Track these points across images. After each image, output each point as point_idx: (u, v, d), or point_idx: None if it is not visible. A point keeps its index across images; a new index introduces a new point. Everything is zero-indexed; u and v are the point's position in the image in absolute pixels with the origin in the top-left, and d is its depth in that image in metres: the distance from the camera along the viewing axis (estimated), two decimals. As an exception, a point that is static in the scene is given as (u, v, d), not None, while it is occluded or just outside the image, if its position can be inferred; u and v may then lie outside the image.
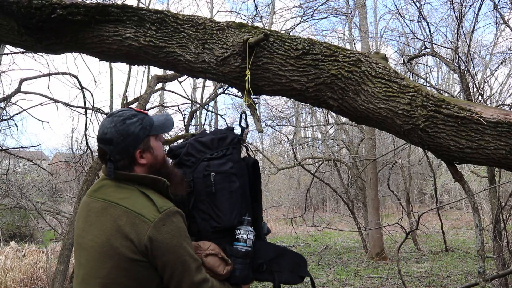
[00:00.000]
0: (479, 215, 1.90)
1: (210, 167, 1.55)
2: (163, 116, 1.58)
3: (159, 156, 1.52)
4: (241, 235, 1.53)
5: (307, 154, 18.10)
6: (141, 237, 1.34)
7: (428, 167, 12.29)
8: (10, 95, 5.65)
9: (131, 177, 1.45)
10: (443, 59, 5.56)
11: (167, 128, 1.56)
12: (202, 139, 1.62)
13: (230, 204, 1.53)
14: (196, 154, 1.59)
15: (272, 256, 1.62)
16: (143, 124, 1.47)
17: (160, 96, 15.50)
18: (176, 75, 5.61)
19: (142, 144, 1.47)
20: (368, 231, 9.15)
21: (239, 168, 1.60)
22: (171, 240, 1.36)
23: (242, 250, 1.51)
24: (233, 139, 1.64)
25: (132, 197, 1.42)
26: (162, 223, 1.36)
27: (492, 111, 1.65)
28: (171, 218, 1.38)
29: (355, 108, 1.72)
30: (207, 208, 1.54)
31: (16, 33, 1.84)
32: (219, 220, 1.52)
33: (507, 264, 5.03)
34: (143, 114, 1.51)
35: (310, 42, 1.76)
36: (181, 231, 1.39)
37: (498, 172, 5.18)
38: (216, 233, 1.54)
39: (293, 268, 1.64)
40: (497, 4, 5.36)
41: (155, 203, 1.39)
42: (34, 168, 11.92)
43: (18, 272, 6.62)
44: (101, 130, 1.46)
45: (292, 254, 1.67)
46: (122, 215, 1.38)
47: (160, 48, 1.80)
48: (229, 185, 1.54)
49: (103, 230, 1.38)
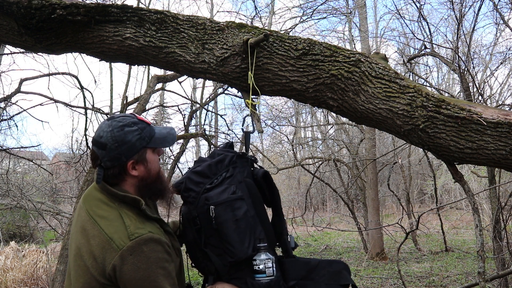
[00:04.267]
0: (479, 215, 1.90)
1: (208, 199, 1.43)
2: (166, 130, 1.49)
3: (153, 170, 1.44)
4: (259, 266, 1.41)
5: (307, 154, 18.10)
6: (106, 264, 1.26)
7: (428, 167, 12.29)
8: (10, 95, 5.65)
9: (113, 193, 1.37)
10: (443, 59, 5.55)
11: (167, 143, 1.47)
12: (198, 169, 1.50)
13: (238, 234, 1.40)
14: (195, 188, 1.47)
15: (304, 274, 1.50)
16: (142, 134, 1.40)
17: (160, 96, 15.50)
18: (176, 75, 5.61)
19: (137, 155, 1.40)
20: (368, 231, 9.15)
21: (244, 189, 1.48)
22: (135, 273, 1.25)
23: (264, 281, 1.40)
24: (231, 158, 1.52)
25: (109, 217, 1.33)
26: (129, 253, 1.25)
27: (492, 112, 1.65)
28: (141, 247, 1.27)
29: (355, 109, 1.72)
30: (218, 243, 1.43)
31: (16, 33, 1.84)
32: (232, 254, 1.41)
33: (507, 264, 5.02)
34: (145, 124, 1.43)
35: (310, 42, 1.76)
36: (150, 262, 1.27)
37: (498, 172, 5.18)
38: (233, 267, 1.43)
39: (330, 279, 1.51)
40: (497, 4, 5.36)
41: (127, 228, 1.29)
42: (34, 168, 11.92)
43: (18, 272, 6.62)
44: (97, 132, 1.40)
45: (326, 263, 1.54)
46: (96, 236, 1.31)
47: (160, 48, 1.79)
48: (233, 214, 1.41)
49: (80, 244, 1.34)
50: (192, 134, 7.00)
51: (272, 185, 1.58)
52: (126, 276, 1.25)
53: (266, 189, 1.56)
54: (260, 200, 1.52)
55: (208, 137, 7.10)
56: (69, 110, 8.99)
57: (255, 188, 1.52)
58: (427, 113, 1.63)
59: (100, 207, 1.36)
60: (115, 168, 1.38)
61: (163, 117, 20.21)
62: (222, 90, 7.29)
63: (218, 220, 1.41)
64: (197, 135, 7.22)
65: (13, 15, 1.78)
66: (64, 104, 6.31)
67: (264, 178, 1.55)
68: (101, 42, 1.81)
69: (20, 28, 1.80)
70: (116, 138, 1.36)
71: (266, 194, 1.56)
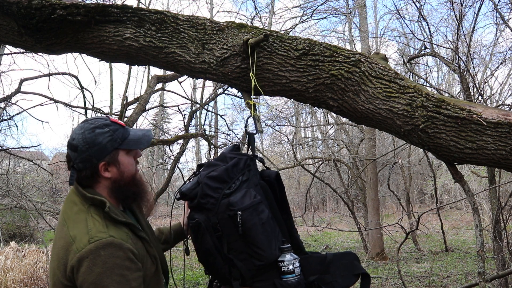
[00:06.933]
0: (479, 216, 1.90)
1: (233, 205, 1.40)
2: (142, 131, 1.48)
3: (126, 173, 1.43)
4: (288, 267, 1.42)
5: (307, 154, 18.09)
6: (67, 266, 1.26)
7: (428, 167, 12.29)
8: (10, 95, 5.65)
9: (83, 195, 1.37)
10: (443, 59, 5.56)
11: (141, 144, 1.45)
12: (213, 174, 1.47)
13: (266, 237, 1.41)
14: (213, 194, 1.44)
15: (320, 268, 1.52)
16: (114, 136, 1.40)
17: (160, 96, 15.50)
18: (176, 75, 5.61)
19: (108, 157, 1.39)
20: (368, 231, 9.15)
21: (260, 191, 1.48)
22: (88, 276, 1.23)
23: (293, 281, 1.42)
24: (246, 161, 1.51)
25: (77, 219, 1.33)
26: (86, 256, 1.24)
27: (492, 112, 1.65)
28: (98, 251, 1.24)
29: (355, 109, 1.72)
30: (243, 247, 1.42)
31: (16, 34, 1.84)
32: (260, 258, 1.41)
33: (507, 264, 5.02)
34: (118, 125, 1.43)
35: (310, 42, 1.76)
36: (106, 267, 1.23)
37: (498, 172, 5.18)
38: (261, 270, 1.44)
39: (345, 270, 1.54)
40: (497, 4, 5.36)
41: (88, 231, 1.28)
42: (34, 168, 11.91)
43: (18, 272, 6.62)
44: (71, 135, 1.42)
45: (340, 256, 1.57)
46: (62, 237, 1.32)
47: (160, 49, 1.79)
48: (259, 218, 1.41)
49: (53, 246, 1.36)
50: (192, 134, 7.00)
51: (282, 186, 1.60)
52: (80, 279, 1.24)
53: (278, 190, 1.57)
54: (273, 201, 1.54)
55: (208, 137, 7.11)
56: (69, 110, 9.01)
57: (268, 190, 1.54)
58: (427, 113, 1.63)
59: (71, 209, 1.37)
60: (87, 170, 1.39)
61: (163, 117, 20.21)
62: (222, 90, 7.29)
63: (246, 225, 1.39)
64: (197, 135, 7.22)
65: (13, 15, 1.78)
66: (64, 104, 6.31)
67: (277, 179, 1.57)
68: (101, 42, 1.81)
69: (20, 28, 1.80)
70: (86, 140, 1.37)
71: (277, 195, 1.57)
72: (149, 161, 19.33)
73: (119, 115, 5.29)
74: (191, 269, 8.07)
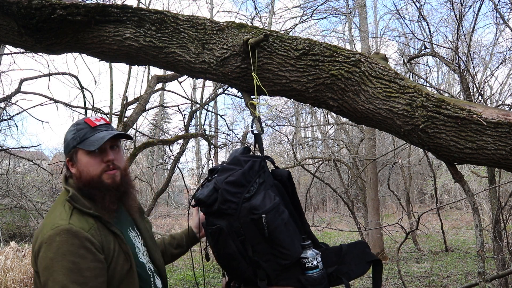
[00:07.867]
0: (479, 215, 1.89)
1: (257, 208, 1.41)
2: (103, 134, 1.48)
3: (84, 173, 1.46)
4: (312, 263, 1.45)
5: (307, 154, 18.09)
6: (35, 251, 1.34)
7: (428, 167, 12.29)
8: (10, 95, 5.66)
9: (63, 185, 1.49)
10: (443, 59, 5.56)
11: (92, 146, 1.45)
12: (231, 179, 1.47)
13: (289, 236, 1.44)
14: (234, 199, 1.44)
15: (336, 260, 1.56)
16: (75, 135, 1.48)
17: (160, 96, 15.51)
18: (176, 75, 5.61)
19: (69, 154, 1.50)
20: (368, 231, 9.15)
21: (276, 192, 1.51)
22: (43, 261, 1.28)
23: (318, 275, 1.45)
24: (260, 163, 1.53)
25: (53, 209, 1.43)
26: (45, 241, 1.30)
27: (492, 112, 1.64)
28: (54, 237, 1.29)
29: (355, 109, 1.72)
30: (267, 248, 1.43)
31: (16, 33, 1.84)
32: (286, 257, 1.43)
33: (507, 264, 5.03)
34: (88, 126, 1.49)
35: (310, 42, 1.76)
36: (58, 253, 1.27)
37: (498, 172, 5.18)
38: (285, 268, 1.46)
39: (359, 258, 1.60)
40: (497, 4, 5.36)
41: (53, 218, 1.35)
42: (34, 168, 11.91)
43: (18, 272, 6.62)
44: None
45: (353, 246, 1.62)
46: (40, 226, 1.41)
47: (160, 49, 1.79)
48: (281, 218, 1.43)
49: None
50: (192, 134, 7.01)
51: (293, 184, 1.63)
52: (38, 264, 1.30)
53: (289, 189, 1.60)
54: (288, 200, 1.56)
55: (208, 137, 7.11)
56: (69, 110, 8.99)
57: (282, 190, 1.56)
58: (427, 113, 1.63)
59: (57, 200, 1.48)
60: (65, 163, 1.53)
61: (163, 117, 20.21)
62: (222, 90, 7.29)
63: (271, 227, 1.40)
64: (197, 135, 7.22)
65: (13, 15, 1.78)
66: (64, 104, 6.32)
67: (289, 179, 1.61)
68: (101, 42, 1.81)
69: (20, 28, 1.80)
70: (64, 135, 1.54)
71: (289, 193, 1.60)
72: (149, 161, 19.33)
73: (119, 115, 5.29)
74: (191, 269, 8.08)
